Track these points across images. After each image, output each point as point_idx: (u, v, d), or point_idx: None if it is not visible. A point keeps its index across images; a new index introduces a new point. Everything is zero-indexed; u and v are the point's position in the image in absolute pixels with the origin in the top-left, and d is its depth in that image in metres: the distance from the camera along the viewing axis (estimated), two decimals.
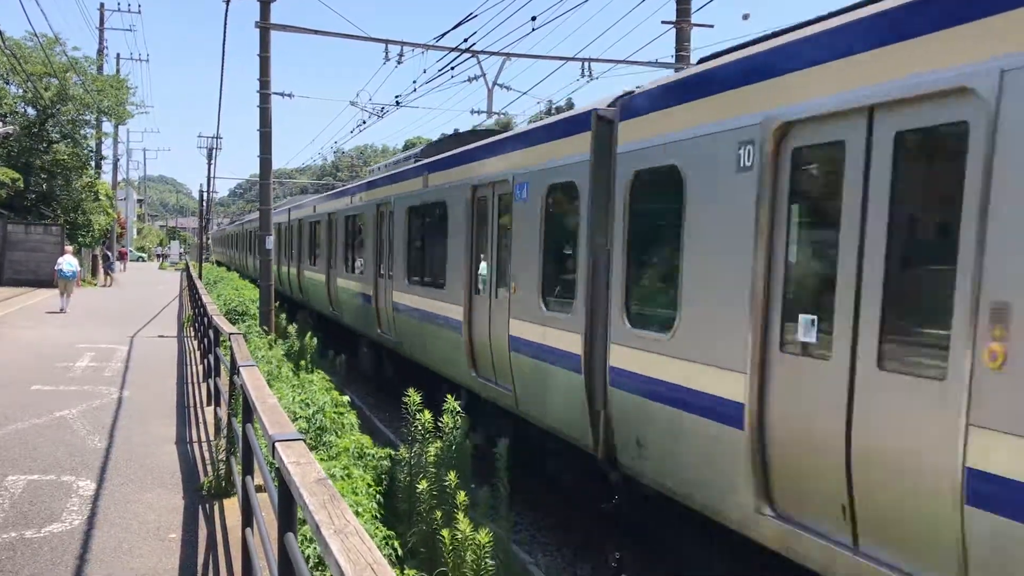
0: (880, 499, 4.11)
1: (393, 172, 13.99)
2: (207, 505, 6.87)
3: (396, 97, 21.26)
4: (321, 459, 7.17)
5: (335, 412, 8.92)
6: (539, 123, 8.55)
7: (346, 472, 6.87)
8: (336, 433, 8.24)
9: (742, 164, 5.10)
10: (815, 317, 4.58)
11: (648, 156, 6.20)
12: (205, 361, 12.07)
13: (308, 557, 4.83)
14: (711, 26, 19.09)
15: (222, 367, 9.47)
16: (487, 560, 5.68)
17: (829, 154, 4.58)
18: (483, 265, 9.61)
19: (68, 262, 24.51)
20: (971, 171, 3.72)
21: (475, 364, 9.76)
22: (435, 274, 10.91)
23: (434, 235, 10.97)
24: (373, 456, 7.97)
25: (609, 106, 6.89)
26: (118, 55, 54.51)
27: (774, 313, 4.89)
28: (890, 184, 4.13)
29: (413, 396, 7.87)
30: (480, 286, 9.64)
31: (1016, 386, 3.47)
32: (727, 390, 5.14)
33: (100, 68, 39.17)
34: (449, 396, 8.03)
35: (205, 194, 50.62)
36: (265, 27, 17.06)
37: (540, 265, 7.87)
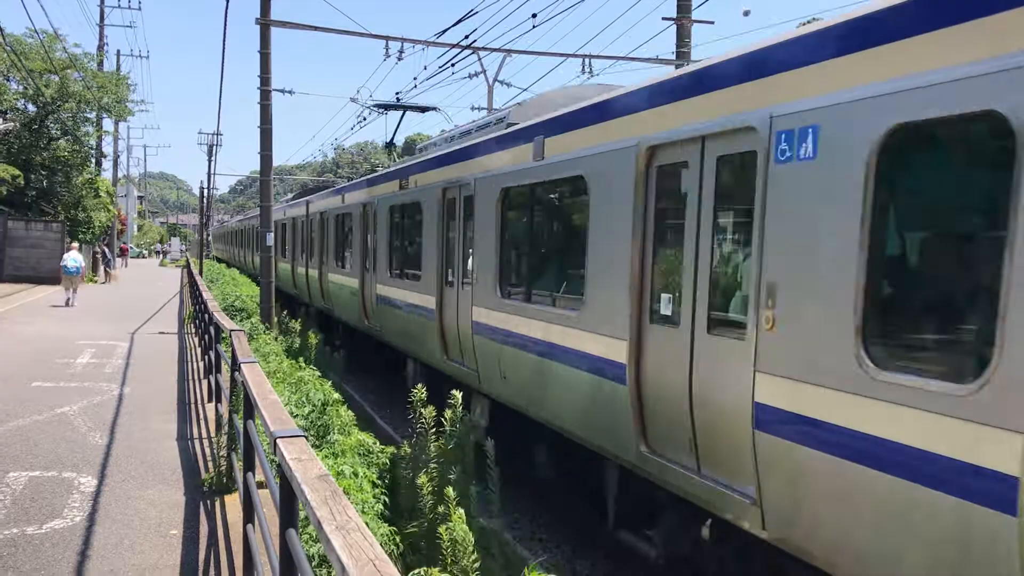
0: None
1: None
2: (208, 501, 6.88)
3: (396, 94, 21.20)
4: (326, 458, 7.18)
5: (334, 410, 8.92)
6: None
7: (352, 471, 6.87)
8: (345, 432, 8.23)
9: None
10: None
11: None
12: (206, 358, 12.08)
13: (312, 556, 4.84)
14: (711, 22, 19.14)
15: (223, 363, 9.48)
16: (479, 556, 5.69)
17: None
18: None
19: (72, 258, 25.29)
20: None
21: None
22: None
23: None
24: (376, 453, 7.98)
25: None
26: (118, 52, 54.05)
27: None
28: None
29: (419, 393, 7.93)
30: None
31: None
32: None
33: (100, 64, 39.13)
34: (455, 392, 8.04)
35: (206, 191, 50.59)
36: (265, 23, 17.04)
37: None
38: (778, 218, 4.77)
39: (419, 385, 8.19)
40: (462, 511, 5.88)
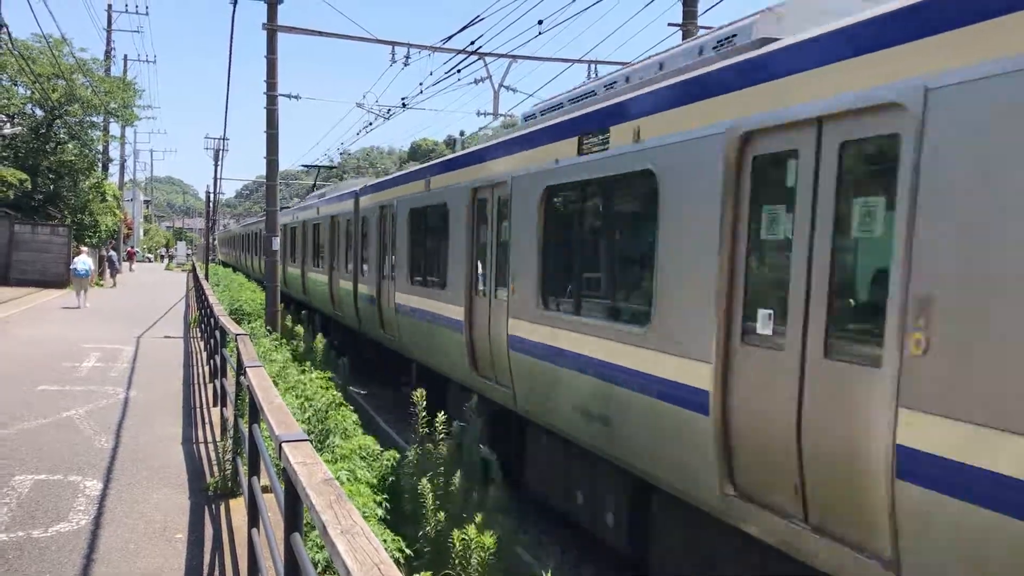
0: None
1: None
2: (213, 506, 6.89)
3: (402, 99, 21.27)
4: (327, 462, 7.19)
5: (339, 415, 8.92)
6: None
7: (351, 475, 6.87)
8: (343, 435, 8.23)
9: None
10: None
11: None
12: (211, 362, 12.10)
13: (316, 563, 4.85)
14: None
15: (228, 368, 9.50)
16: (492, 562, 5.70)
17: None
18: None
19: (83, 262, 26.05)
20: None
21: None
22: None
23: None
24: (378, 458, 7.98)
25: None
26: (125, 57, 53.73)
27: None
28: None
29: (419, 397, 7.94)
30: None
31: None
32: None
33: (108, 70, 39.29)
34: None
35: (212, 195, 50.76)
36: (272, 29, 17.13)
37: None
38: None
39: (419, 391, 8.09)
40: (478, 517, 5.91)
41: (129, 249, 56.80)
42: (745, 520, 5.13)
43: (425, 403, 7.95)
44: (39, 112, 34.22)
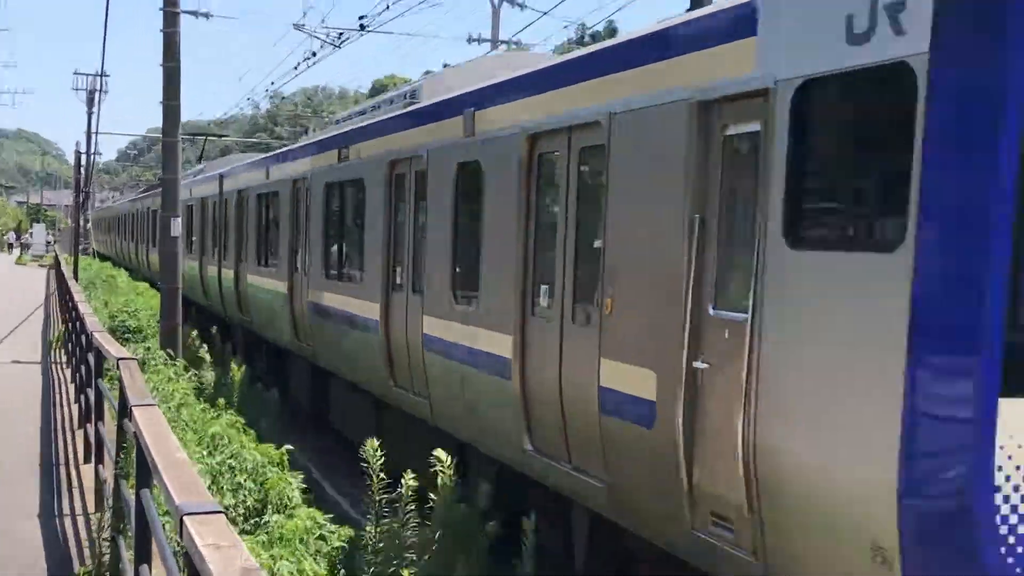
0: None
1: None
2: None
3: (360, 19, 21.34)
4: (263, 545, 7.23)
5: (279, 481, 9.01)
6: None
7: (297, 568, 6.90)
8: (283, 509, 8.28)
9: None
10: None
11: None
12: (81, 398, 12.12)
13: None
14: None
15: (106, 406, 9.50)
16: None
17: None
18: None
19: None
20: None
21: None
22: None
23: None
24: (329, 539, 8.04)
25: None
26: None
27: None
28: None
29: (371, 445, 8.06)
30: None
31: None
32: None
33: None
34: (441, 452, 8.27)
35: (85, 156, 50.96)
36: None
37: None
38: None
39: (371, 442, 8.57)
40: None
41: None
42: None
43: (380, 458, 8.07)
44: None
